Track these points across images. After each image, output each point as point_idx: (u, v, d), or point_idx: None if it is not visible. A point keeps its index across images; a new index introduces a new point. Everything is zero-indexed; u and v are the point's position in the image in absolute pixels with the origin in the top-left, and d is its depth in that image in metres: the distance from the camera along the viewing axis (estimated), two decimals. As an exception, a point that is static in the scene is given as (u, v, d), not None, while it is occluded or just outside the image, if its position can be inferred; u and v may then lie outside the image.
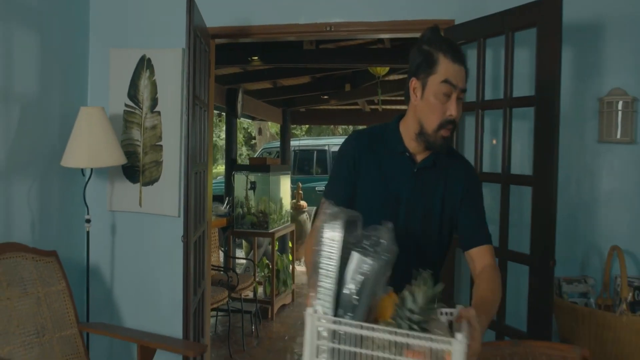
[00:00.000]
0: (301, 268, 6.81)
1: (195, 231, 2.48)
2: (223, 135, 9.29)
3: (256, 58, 4.60)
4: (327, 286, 1.06)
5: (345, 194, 1.47)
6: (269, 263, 4.84)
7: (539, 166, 2.07)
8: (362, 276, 1.05)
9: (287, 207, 5.76)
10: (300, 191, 7.22)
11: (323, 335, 1.04)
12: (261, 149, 10.01)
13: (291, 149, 8.31)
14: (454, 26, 2.48)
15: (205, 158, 2.79)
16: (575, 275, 2.33)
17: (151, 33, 2.90)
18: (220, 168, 12.51)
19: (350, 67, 5.81)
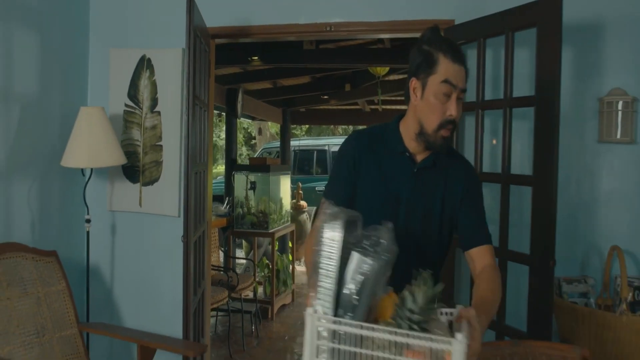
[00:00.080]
0: (301, 268, 6.80)
1: (195, 231, 2.48)
2: (223, 135, 9.29)
3: (256, 58, 4.60)
4: (327, 286, 1.06)
5: (345, 194, 1.46)
6: (269, 263, 4.84)
7: (539, 166, 2.08)
8: (362, 276, 1.05)
9: (287, 207, 5.76)
10: (300, 191, 7.22)
11: (323, 335, 1.03)
12: (261, 149, 10.01)
13: (291, 149, 8.31)
14: (454, 26, 2.48)
15: (205, 158, 2.80)
16: (575, 275, 2.33)
17: (151, 33, 2.90)
18: (220, 168, 12.51)
19: (350, 67, 5.80)
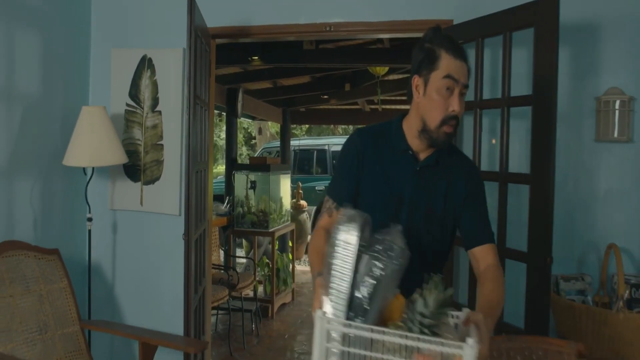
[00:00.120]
0: (301, 267, 6.83)
1: (196, 229, 2.50)
2: (223, 135, 9.29)
3: (256, 58, 4.62)
4: (341, 289, 1.06)
5: (349, 190, 1.46)
6: (269, 262, 4.85)
7: (536, 164, 2.09)
8: (374, 280, 1.05)
9: (287, 207, 5.78)
10: (300, 191, 7.25)
11: (334, 337, 1.03)
12: (261, 149, 10.02)
13: (291, 149, 8.32)
14: (453, 26, 2.50)
15: (205, 157, 2.81)
16: (572, 273, 2.34)
17: (152, 33, 2.92)
18: (220, 168, 12.52)
19: (349, 67, 5.82)
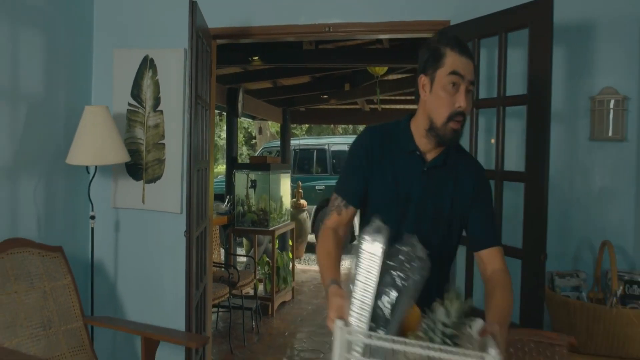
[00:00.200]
0: (301, 266, 6.87)
1: (197, 227, 2.54)
2: (224, 134, 9.32)
3: (257, 58, 4.65)
4: (365, 300, 1.06)
5: (358, 187, 1.46)
6: (269, 260, 4.89)
7: (531, 163, 2.13)
8: (397, 292, 1.05)
9: (287, 206, 5.81)
10: (300, 190, 7.28)
11: (355, 348, 1.03)
12: (261, 148, 10.04)
13: (291, 148, 8.35)
14: (450, 27, 2.54)
15: (206, 156, 2.85)
16: (567, 269, 2.37)
17: (154, 34, 2.95)
18: (220, 168, 12.54)
19: (349, 67, 5.85)
